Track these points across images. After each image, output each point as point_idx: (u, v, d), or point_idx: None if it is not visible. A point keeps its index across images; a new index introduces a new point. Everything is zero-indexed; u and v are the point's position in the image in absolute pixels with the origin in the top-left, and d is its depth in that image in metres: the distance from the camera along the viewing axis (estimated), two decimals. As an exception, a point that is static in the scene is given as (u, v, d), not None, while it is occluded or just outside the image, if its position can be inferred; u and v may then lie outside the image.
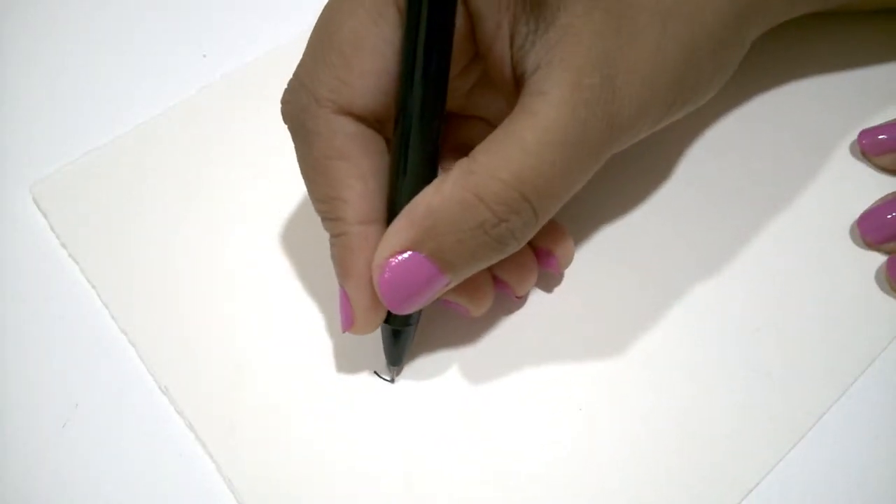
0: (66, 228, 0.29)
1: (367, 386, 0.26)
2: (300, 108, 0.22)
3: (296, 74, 0.23)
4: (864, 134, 0.30)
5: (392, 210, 0.22)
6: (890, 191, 0.29)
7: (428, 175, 0.22)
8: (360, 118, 0.22)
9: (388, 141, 0.23)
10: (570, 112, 0.20)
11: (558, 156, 0.20)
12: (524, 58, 0.21)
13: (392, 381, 0.26)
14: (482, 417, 0.25)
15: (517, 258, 0.25)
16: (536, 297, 0.27)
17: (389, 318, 0.24)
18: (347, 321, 0.23)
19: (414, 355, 0.26)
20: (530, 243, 0.25)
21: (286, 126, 0.23)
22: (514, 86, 0.21)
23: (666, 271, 0.28)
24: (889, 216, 0.28)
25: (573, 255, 0.26)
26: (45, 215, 0.30)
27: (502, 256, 0.22)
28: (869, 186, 0.29)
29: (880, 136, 0.30)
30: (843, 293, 0.27)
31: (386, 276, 0.21)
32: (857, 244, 0.28)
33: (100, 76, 0.34)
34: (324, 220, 0.23)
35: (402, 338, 0.25)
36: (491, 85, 0.23)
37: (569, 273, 0.28)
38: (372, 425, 0.25)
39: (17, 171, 0.31)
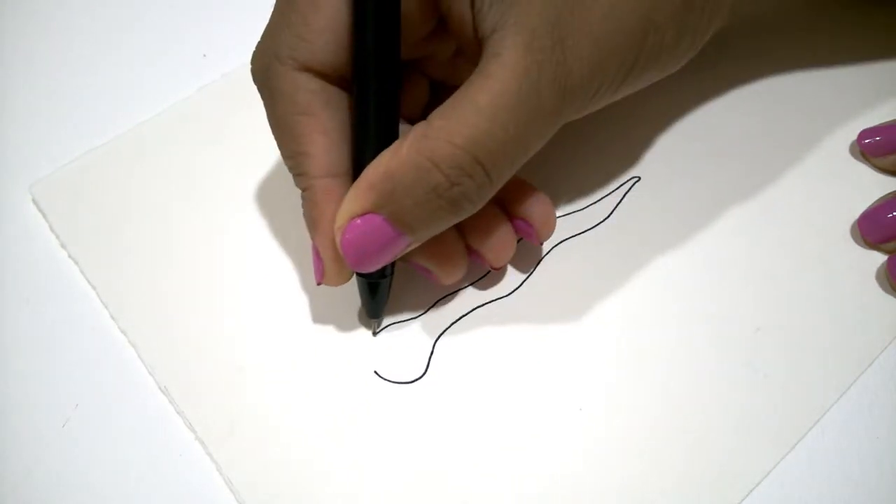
0: (65, 228, 0.29)
1: (366, 386, 0.26)
2: (264, 67, 0.23)
3: (262, 36, 0.24)
4: (864, 134, 0.30)
5: (355, 164, 0.23)
6: (890, 190, 0.29)
7: (387, 129, 0.22)
8: (322, 74, 0.23)
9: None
10: (523, 74, 0.20)
11: (511, 118, 0.20)
12: (483, 20, 0.21)
13: (374, 333, 0.26)
14: (482, 418, 0.25)
15: (491, 226, 0.25)
16: (536, 298, 0.27)
17: (361, 272, 0.24)
18: (319, 273, 0.24)
19: (413, 356, 0.26)
20: (507, 211, 0.26)
21: (256, 86, 0.24)
22: (478, 49, 0.22)
23: (666, 271, 0.28)
24: (889, 216, 0.28)
25: (554, 224, 0.26)
26: (44, 215, 0.30)
27: (460, 218, 0.22)
28: (869, 186, 0.29)
29: (879, 138, 0.30)
30: (844, 293, 0.27)
31: (347, 237, 0.22)
32: (858, 244, 0.28)
33: (99, 76, 0.34)
34: (294, 176, 0.24)
35: (376, 290, 0.25)
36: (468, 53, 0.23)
37: (569, 273, 0.28)
38: (371, 426, 0.25)
39: (16, 170, 0.31)
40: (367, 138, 0.23)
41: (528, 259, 0.28)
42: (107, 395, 0.26)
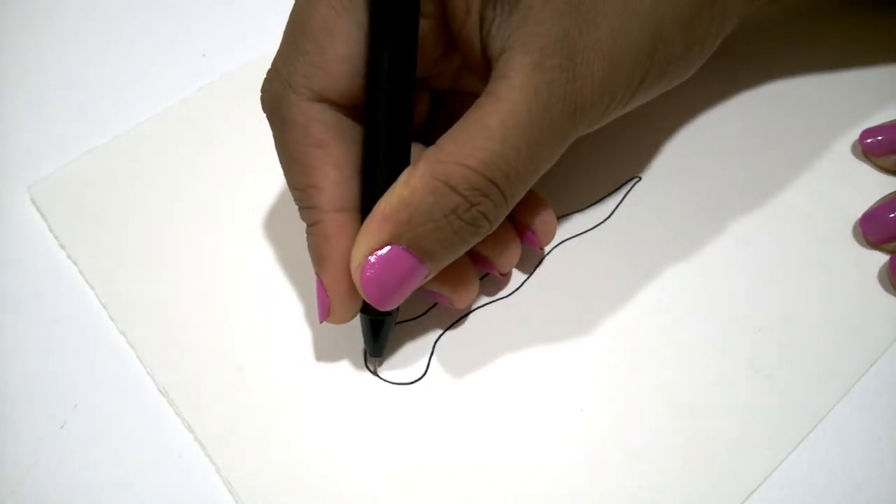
0: (64, 229, 0.29)
1: (366, 388, 0.25)
2: (276, 96, 0.23)
3: (273, 64, 0.23)
4: (866, 134, 0.30)
5: (365, 198, 0.22)
6: (892, 190, 0.29)
7: (399, 161, 0.22)
8: (336, 105, 0.22)
9: None
10: (533, 95, 0.20)
11: (522, 139, 0.20)
12: (492, 41, 0.21)
13: (374, 372, 0.26)
14: (482, 418, 0.25)
15: (498, 233, 0.25)
16: (537, 298, 0.27)
17: (367, 309, 0.24)
18: (324, 311, 0.24)
19: (413, 356, 0.26)
20: (512, 219, 0.26)
21: (265, 115, 0.23)
22: (487, 69, 0.21)
23: (667, 272, 0.28)
24: (891, 215, 0.27)
25: (555, 230, 0.27)
26: (43, 216, 0.29)
27: (477, 240, 0.22)
28: (871, 186, 0.29)
29: (881, 138, 0.30)
30: (846, 293, 0.27)
31: (368, 273, 0.21)
32: (860, 244, 0.28)
33: (99, 76, 0.34)
34: (300, 209, 0.23)
35: (381, 328, 0.25)
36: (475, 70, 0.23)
37: (569, 274, 0.28)
38: (371, 426, 0.25)
39: (15, 171, 0.31)
40: (379, 167, 0.22)
41: (529, 260, 0.28)
42: (106, 397, 0.26)
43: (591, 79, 0.21)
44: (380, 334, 0.25)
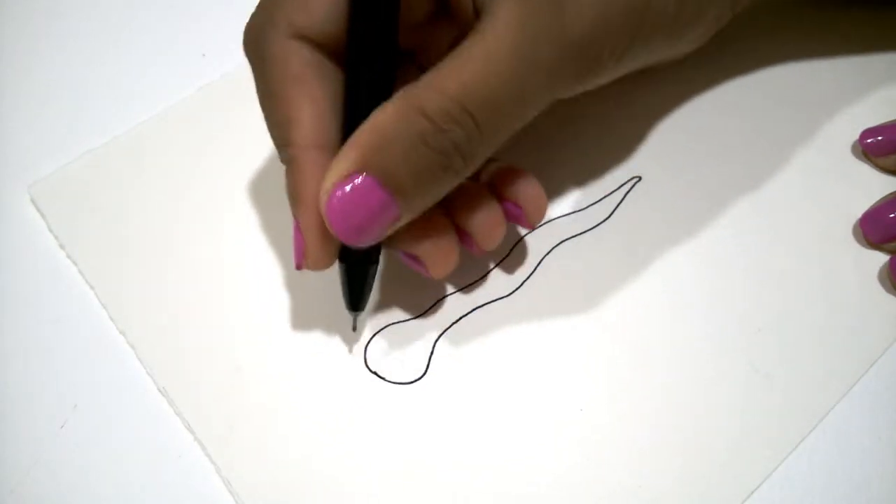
0: (64, 229, 0.29)
1: (365, 387, 0.25)
2: (258, 33, 0.23)
3: (258, 4, 0.23)
4: (866, 134, 0.30)
5: (345, 133, 0.22)
6: (892, 190, 0.29)
7: (381, 96, 0.21)
8: (318, 45, 0.22)
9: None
10: (518, 27, 0.20)
11: (505, 68, 0.20)
12: None
13: (353, 328, 0.25)
14: (482, 418, 0.25)
15: (479, 205, 0.24)
16: (537, 298, 0.27)
17: (346, 256, 0.23)
18: (300, 254, 0.23)
19: (413, 356, 0.26)
20: (498, 196, 0.25)
21: (246, 57, 0.23)
22: (475, 16, 0.21)
23: (667, 272, 0.28)
24: (891, 215, 0.27)
25: (545, 208, 0.25)
26: (43, 216, 0.29)
27: (451, 180, 0.21)
28: (871, 186, 0.29)
29: (881, 138, 0.30)
30: (846, 293, 0.27)
31: (333, 202, 0.20)
32: (860, 244, 0.28)
33: (99, 76, 0.34)
34: (278, 148, 0.23)
35: (358, 278, 0.24)
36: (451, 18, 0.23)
37: (569, 274, 0.28)
38: (371, 426, 0.25)
39: (15, 171, 0.31)
40: (360, 106, 0.21)
41: (529, 259, 0.28)
42: (106, 397, 0.26)
43: (580, 19, 0.20)
44: (357, 284, 0.24)
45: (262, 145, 0.31)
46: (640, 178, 0.30)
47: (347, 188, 0.20)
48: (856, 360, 0.26)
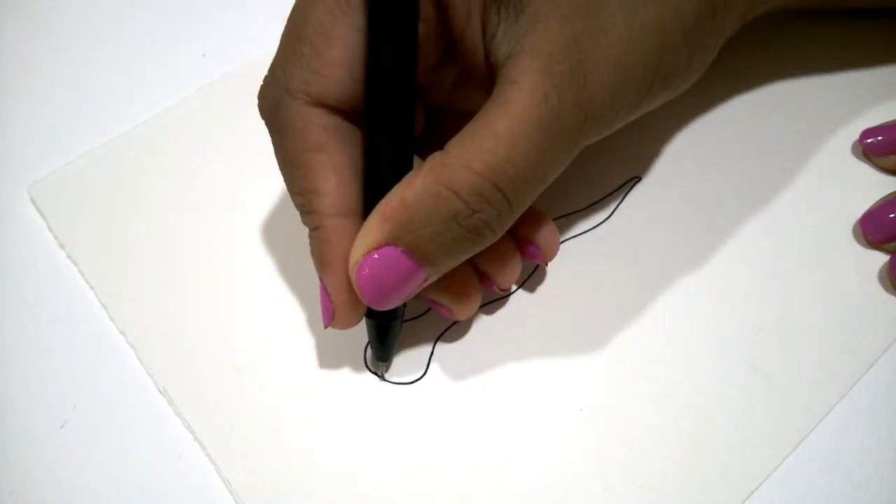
0: (64, 229, 0.29)
1: (365, 387, 0.25)
2: (274, 102, 0.22)
3: (270, 69, 0.23)
4: (866, 134, 0.30)
5: (367, 202, 0.22)
6: (892, 190, 0.29)
7: (401, 164, 0.22)
8: (335, 109, 0.22)
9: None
10: (542, 99, 0.20)
11: (531, 144, 0.20)
12: (496, 47, 0.21)
13: (381, 377, 0.26)
14: (483, 418, 0.25)
15: (498, 249, 0.24)
16: (537, 298, 0.27)
17: (373, 314, 0.24)
18: (328, 316, 0.23)
19: (413, 356, 0.26)
20: (514, 235, 0.25)
21: (263, 121, 0.23)
22: (490, 76, 0.21)
23: (667, 272, 0.28)
24: (891, 215, 0.27)
25: (558, 246, 0.26)
26: (43, 216, 0.29)
27: (479, 248, 0.21)
28: (871, 186, 0.29)
29: (881, 138, 0.30)
30: (846, 293, 0.27)
31: (364, 272, 0.21)
32: (860, 244, 0.28)
33: (99, 76, 0.34)
34: (301, 213, 0.23)
35: (386, 333, 0.24)
36: (474, 79, 0.23)
37: (569, 274, 0.28)
38: (371, 426, 0.25)
39: (15, 171, 0.31)
40: (381, 171, 0.22)
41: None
42: (105, 397, 0.26)
43: (601, 85, 0.21)
44: (386, 339, 0.25)
45: (262, 145, 0.31)
46: (639, 179, 0.30)
47: (376, 259, 0.21)
48: (856, 360, 0.26)
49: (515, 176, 0.20)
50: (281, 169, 0.23)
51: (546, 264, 0.27)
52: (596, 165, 0.30)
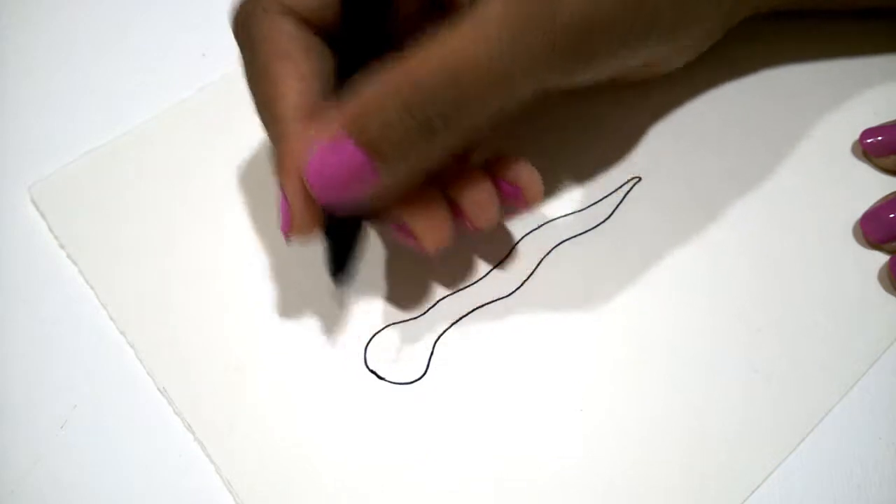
0: (64, 229, 0.29)
1: (365, 387, 0.25)
2: (247, 14, 0.23)
3: None
4: (866, 134, 0.30)
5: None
6: (892, 190, 0.29)
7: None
8: (307, 22, 0.22)
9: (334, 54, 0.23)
10: (510, 6, 0.20)
11: (493, 38, 0.20)
12: None
13: (339, 305, 0.25)
14: (482, 418, 0.25)
15: (472, 178, 0.24)
16: (537, 298, 0.27)
17: (330, 229, 0.24)
18: (286, 221, 0.23)
19: (413, 356, 0.26)
20: (492, 176, 0.24)
21: (235, 38, 0.24)
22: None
23: (667, 272, 0.28)
24: (891, 215, 0.27)
25: (541, 190, 0.25)
26: (43, 216, 0.29)
27: (433, 147, 0.21)
28: (871, 186, 0.29)
29: (881, 138, 0.30)
30: (846, 293, 0.27)
31: (314, 162, 0.21)
32: (860, 244, 0.28)
33: (99, 76, 0.34)
34: (266, 126, 0.23)
35: (342, 249, 0.24)
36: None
37: (569, 274, 0.28)
38: (371, 426, 0.25)
39: (15, 171, 0.31)
40: (351, 76, 0.21)
41: (529, 259, 0.28)
42: (105, 397, 0.26)
43: (571, 7, 0.21)
44: (341, 255, 0.24)
45: (262, 146, 0.31)
46: (639, 179, 0.30)
47: (325, 149, 0.20)
48: (855, 361, 0.26)
49: (475, 74, 0.20)
50: (248, 83, 0.23)
51: (528, 208, 0.26)
52: (596, 165, 0.30)
